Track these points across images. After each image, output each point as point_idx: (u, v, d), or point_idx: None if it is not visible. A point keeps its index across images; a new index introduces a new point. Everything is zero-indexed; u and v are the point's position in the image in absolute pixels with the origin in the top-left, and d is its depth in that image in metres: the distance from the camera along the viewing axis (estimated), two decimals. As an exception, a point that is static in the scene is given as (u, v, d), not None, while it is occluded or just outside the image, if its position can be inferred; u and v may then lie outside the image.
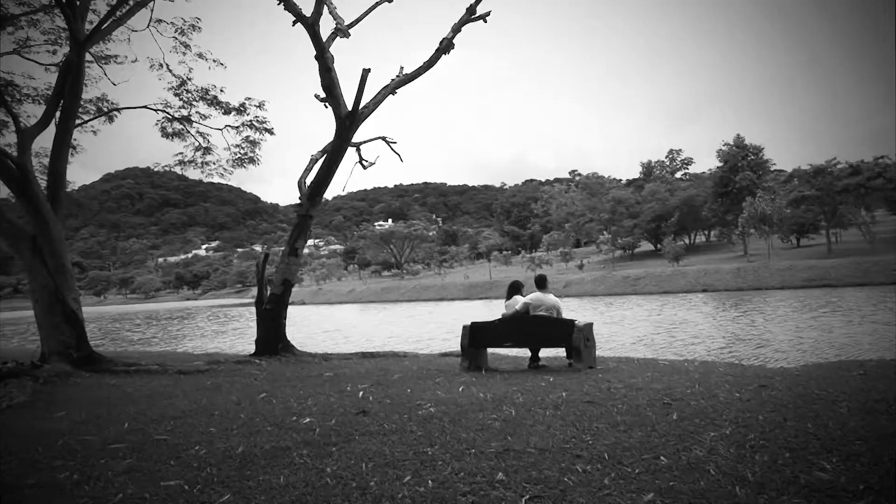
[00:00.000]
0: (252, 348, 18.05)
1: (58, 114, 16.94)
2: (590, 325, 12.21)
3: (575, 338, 11.75)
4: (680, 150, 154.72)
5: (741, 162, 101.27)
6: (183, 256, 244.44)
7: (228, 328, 56.87)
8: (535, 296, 12.61)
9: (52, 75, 19.32)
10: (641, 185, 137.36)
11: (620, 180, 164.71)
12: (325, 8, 16.53)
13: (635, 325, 37.89)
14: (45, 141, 18.70)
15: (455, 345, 27.27)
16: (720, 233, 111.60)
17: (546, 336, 12.32)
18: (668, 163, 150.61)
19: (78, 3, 16.65)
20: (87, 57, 18.01)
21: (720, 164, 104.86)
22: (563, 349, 12.55)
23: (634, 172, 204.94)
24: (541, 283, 12.81)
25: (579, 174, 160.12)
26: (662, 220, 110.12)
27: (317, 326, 52.86)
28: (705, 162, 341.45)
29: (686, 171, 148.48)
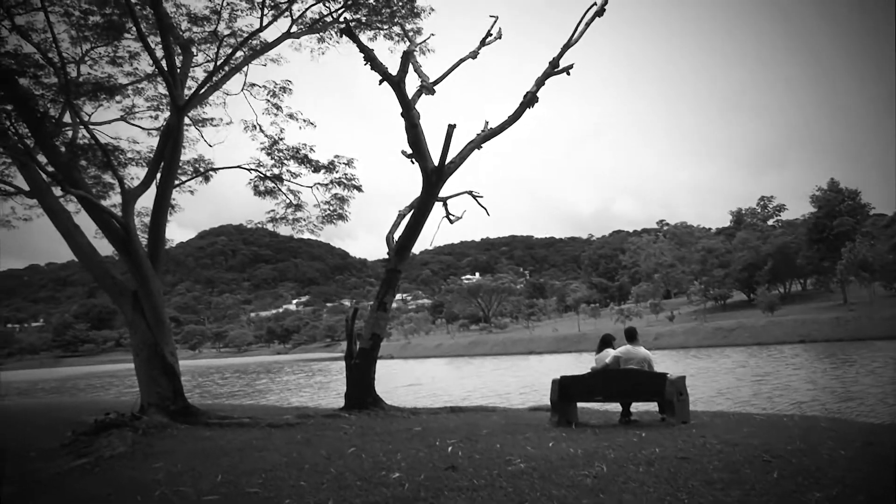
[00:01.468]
0: (336, 402, 18.21)
1: (158, 175, 17.71)
2: (682, 379, 11.92)
3: (667, 391, 11.47)
4: (772, 196, 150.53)
5: (838, 207, 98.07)
6: (274, 311, 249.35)
7: (313, 382, 57.62)
8: (625, 349, 12.41)
9: (154, 139, 20.31)
10: (732, 234, 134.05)
11: (710, 229, 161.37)
12: (411, 66, 16.90)
13: (718, 377, 36.84)
14: (146, 201, 19.84)
15: (533, 399, 26.90)
16: (817, 281, 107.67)
17: (637, 390, 12.07)
18: (759, 210, 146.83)
19: (178, 70, 17.50)
20: (186, 121, 18.85)
21: (814, 210, 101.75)
22: (656, 403, 12.26)
23: (723, 220, 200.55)
24: (631, 336, 12.61)
25: (667, 224, 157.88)
26: (755, 268, 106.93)
27: (399, 380, 53.05)
28: (797, 208, 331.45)
29: (778, 217, 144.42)
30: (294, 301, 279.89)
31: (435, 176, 17.30)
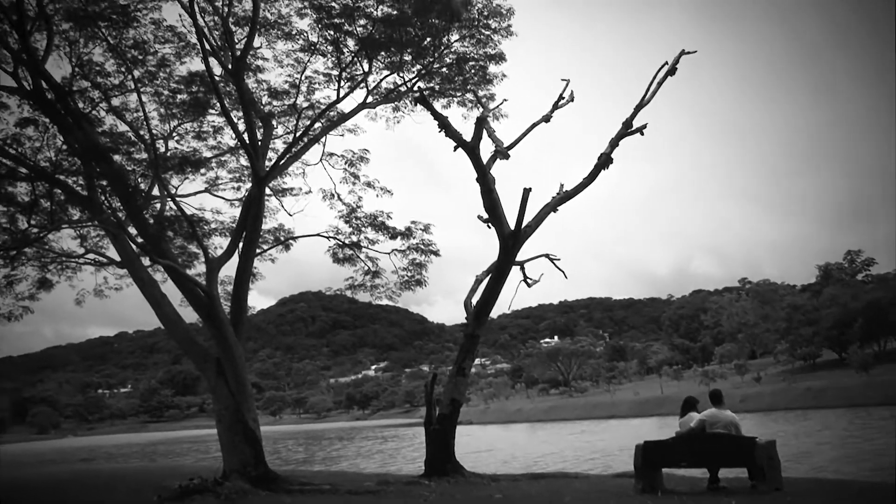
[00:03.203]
0: (408, 468, 18.08)
1: (241, 244, 18.22)
2: (772, 443, 11.49)
3: (757, 456, 11.06)
4: (859, 250, 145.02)
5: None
6: (353, 377, 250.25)
7: (385, 448, 57.41)
8: (710, 412, 12.06)
9: (236, 209, 21.00)
10: (818, 290, 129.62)
11: (795, 286, 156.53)
12: (485, 132, 17.11)
13: (795, 439, 35.31)
14: (229, 270, 20.55)
15: (601, 465, 26.17)
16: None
17: (725, 455, 11.68)
18: (846, 265, 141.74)
19: (259, 143, 18.13)
20: (267, 191, 19.43)
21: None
22: (745, 469, 11.82)
23: (808, 277, 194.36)
24: (716, 399, 12.25)
25: (749, 282, 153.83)
26: (845, 326, 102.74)
27: (475, 445, 52.40)
28: (888, 261, 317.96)
29: (867, 272, 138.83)
30: (373, 367, 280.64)
31: (512, 240, 17.34)
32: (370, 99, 19.85)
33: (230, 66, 16.91)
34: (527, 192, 16.01)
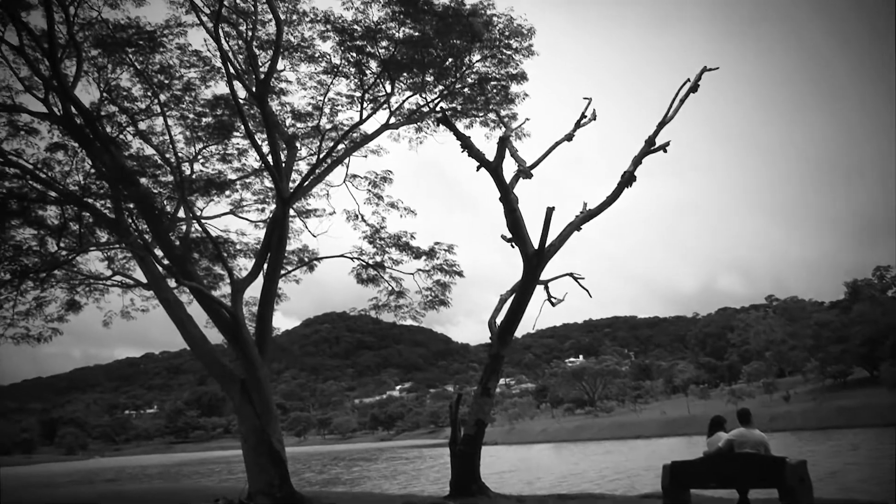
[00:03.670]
0: (431, 488, 18.01)
1: (265, 266, 18.32)
2: (803, 463, 11.31)
3: (788, 477, 10.89)
4: (888, 265, 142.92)
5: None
6: (377, 398, 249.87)
7: (407, 469, 57.14)
8: (738, 432, 11.90)
9: (261, 231, 21.16)
10: (847, 307, 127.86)
11: (823, 303, 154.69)
12: (507, 151, 17.14)
13: (826, 459, 34.72)
14: (254, 291, 20.76)
15: (627, 486, 25.86)
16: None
17: (754, 476, 11.50)
18: (875, 281, 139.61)
19: (283, 165, 18.28)
20: (291, 212, 19.56)
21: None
22: (775, 490, 11.64)
23: (836, 294, 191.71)
24: (744, 418, 12.09)
25: (776, 299, 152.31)
26: (876, 343, 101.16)
27: (495, 466, 52.02)
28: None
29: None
30: (397, 387, 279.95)
31: (535, 259, 17.30)
32: (393, 120, 19.98)
33: (254, 90, 17.09)
34: (550, 211, 15.98)
